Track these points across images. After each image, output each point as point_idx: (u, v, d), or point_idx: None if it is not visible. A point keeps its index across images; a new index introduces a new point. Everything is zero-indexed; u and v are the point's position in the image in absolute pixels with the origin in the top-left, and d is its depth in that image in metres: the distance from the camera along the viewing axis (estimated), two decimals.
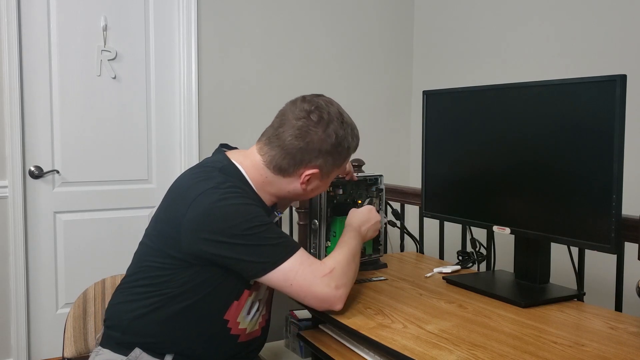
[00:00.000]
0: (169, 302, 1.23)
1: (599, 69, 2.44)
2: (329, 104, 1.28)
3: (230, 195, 1.19)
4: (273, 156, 1.27)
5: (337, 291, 1.22)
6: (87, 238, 2.68)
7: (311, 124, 1.24)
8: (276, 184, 1.30)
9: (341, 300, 1.23)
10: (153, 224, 1.31)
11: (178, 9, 2.81)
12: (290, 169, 1.27)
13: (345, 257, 1.27)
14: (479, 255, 1.74)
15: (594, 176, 1.25)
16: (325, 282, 1.21)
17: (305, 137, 1.24)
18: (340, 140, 1.27)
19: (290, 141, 1.24)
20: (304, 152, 1.25)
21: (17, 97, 2.46)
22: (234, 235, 1.16)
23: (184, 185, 1.27)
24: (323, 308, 1.24)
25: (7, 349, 2.53)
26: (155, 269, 1.24)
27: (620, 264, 1.50)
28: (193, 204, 1.18)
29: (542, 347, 1.09)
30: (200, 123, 2.86)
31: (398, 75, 3.43)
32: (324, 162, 1.27)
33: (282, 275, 1.19)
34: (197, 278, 1.21)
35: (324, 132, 1.25)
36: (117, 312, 1.29)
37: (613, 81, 1.21)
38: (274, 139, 1.27)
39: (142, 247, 1.31)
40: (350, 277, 1.27)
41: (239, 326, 1.29)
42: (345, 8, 3.22)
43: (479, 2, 3.00)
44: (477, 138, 1.54)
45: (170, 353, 1.25)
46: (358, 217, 1.45)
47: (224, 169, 1.27)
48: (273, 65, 3.05)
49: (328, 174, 1.32)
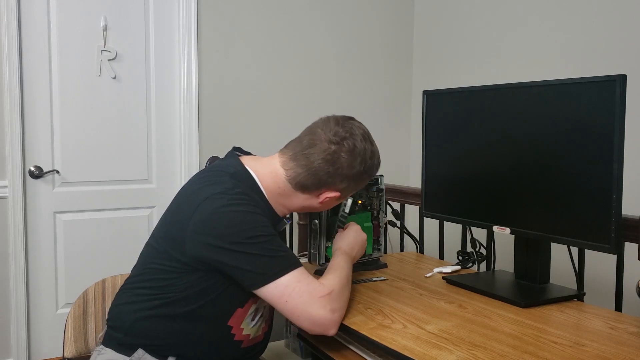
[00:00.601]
0: (172, 306, 1.22)
1: (599, 69, 2.44)
2: (361, 131, 1.29)
3: (236, 201, 1.18)
4: (298, 174, 1.26)
5: (332, 314, 1.18)
6: (87, 238, 2.68)
7: (343, 150, 1.25)
8: (292, 197, 1.30)
9: (336, 325, 1.19)
10: (160, 225, 1.30)
11: (178, 9, 2.81)
12: (312, 188, 1.28)
13: (341, 281, 1.25)
14: (479, 255, 1.74)
15: (594, 176, 1.25)
16: (322, 303, 1.17)
17: (335, 163, 1.25)
18: (366, 169, 1.30)
19: (319, 164, 1.25)
20: (330, 176, 1.26)
21: (17, 97, 2.46)
22: (235, 243, 1.15)
23: (193, 188, 1.26)
24: (316, 332, 1.18)
25: (7, 349, 2.53)
26: (160, 271, 1.23)
27: (620, 264, 1.50)
28: (199, 208, 1.18)
29: (542, 347, 1.09)
30: (200, 123, 2.86)
31: (398, 75, 3.43)
32: (346, 186, 1.30)
33: (279, 290, 1.16)
34: (201, 284, 1.21)
35: (354, 161, 1.26)
36: (120, 313, 1.29)
37: (613, 81, 1.21)
38: (301, 157, 1.26)
39: (147, 248, 1.31)
40: (345, 301, 1.25)
41: (242, 332, 1.28)
42: (345, 8, 3.22)
43: (479, 2, 3.00)
44: (477, 138, 1.54)
45: (172, 355, 1.24)
46: (347, 241, 1.45)
47: (236, 175, 1.25)
48: (273, 65, 3.05)
49: (346, 196, 1.35)
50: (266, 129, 3.03)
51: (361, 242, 1.48)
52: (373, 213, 1.72)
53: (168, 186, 2.87)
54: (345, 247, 1.42)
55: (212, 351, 1.27)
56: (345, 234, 1.48)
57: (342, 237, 1.47)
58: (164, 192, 2.85)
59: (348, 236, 1.47)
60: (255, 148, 1.53)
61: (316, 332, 1.19)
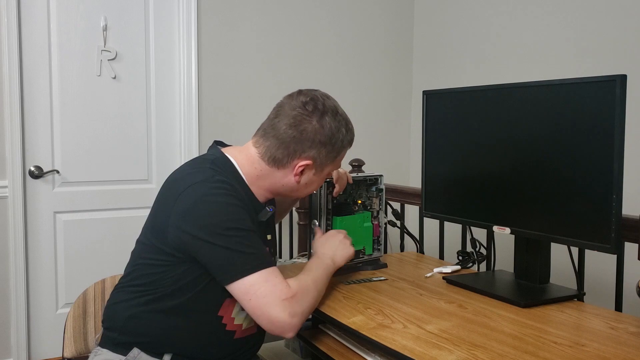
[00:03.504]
0: (162, 300, 1.23)
1: (599, 69, 2.44)
2: (325, 97, 1.30)
3: (217, 191, 1.19)
4: (268, 147, 1.27)
5: (291, 319, 1.16)
6: (87, 238, 2.68)
7: (305, 113, 1.26)
8: (270, 177, 1.30)
9: (294, 329, 1.17)
10: (147, 220, 1.32)
11: (178, 9, 2.81)
12: (284, 160, 1.27)
13: (307, 285, 1.24)
14: (479, 255, 1.74)
15: (594, 176, 1.25)
16: (283, 306, 1.16)
17: (299, 126, 1.25)
18: (334, 131, 1.28)
19: (284, 130, 1.25)
20: (298, 142, 1.26)
21: (17, 97, 2.47)
22: (212, 234, 1.15)
23: (175, 178, 1.28)
24: (274, 332, 1.18)
25: (7, 349, 2.53)
26: (149, 266, 1.24)
27: (620, 264, 1.50)
28: (180, 197, 1.19)
29: (542, 347, 1.09)
30: (200, 123, 2.86)
31: (398, 75, 3.43)
32: (317, 153, 1.28)
33: (245, 288, 1.16)
34: (189, 275, 1.22)
35: (318, 122, 1.26)
36: (113, 312, 1.30)
37: (613, 81, 1.21)
38: (269, 129, 1.28)
39: (137, 245, 1.32)
40: (308, 305, 1.23)
41: (234, 322, 1.29)
42: (346, 8, 3.22)
43: (479, 2, 3.00)
44: (477, 138, 1.54)
45: (168, 352, 1.25)
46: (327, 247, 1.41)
47: (216, 162, 1.27)
48: (273, 65, 3.05)
49: (322, 167, 1.32)
50: None
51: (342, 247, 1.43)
52: (373, 213, 1.72)
53: None
54: (326, 253, 1.39)
55: (206, 344, 1.27)
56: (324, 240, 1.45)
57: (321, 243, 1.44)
58: None
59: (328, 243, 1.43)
60: None
61: (274, 333, 1.19)
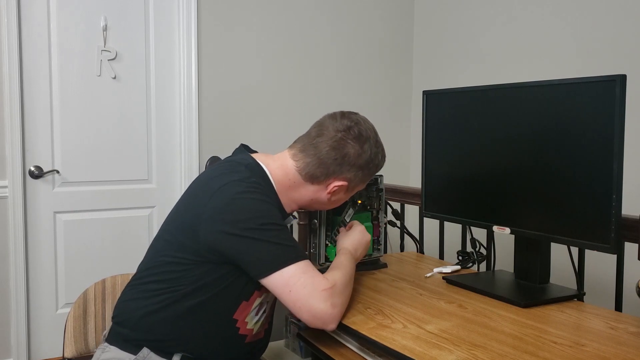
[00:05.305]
0: (180, 299, 1.23)
1: (600, 69, 2.44)
2: (366, 122, 1.36)
3: (252, 189, 1.21)
4: (308, 163, 1.31)
5: (333, 309, 1.19)
6: (87, 238, 2.68)
7: (349, 137, 1.31)
8: (301, 189, 1.34)
9: (335, 320, 1.20)
10: (173, 218, 1.31)
11: (178, 9, 2.81)
12: (321, 177, 1.32)
13: (344, 278, 1.26)
14: (479, 255, 1.74)
15: (594, 176, 1.25)
16: (324, 297, 1.17)
17: (342, 149, 1.30)
18: (372, 157, 1.35)
19: (327, 151, 1.30)
20: (338, 164, 1.31)
21: (17, 97, 2.46)
22: (248, 229, 1.17)
23: (208, 176, 1.29)
24: (315, 325, 1.19)
25: (7, 349, 2.53)
26: (170, 264, 1.24)
27: (620, 264, 1.51)
28: (215, 194, 1.20)
29: (542, 347, 1.09)
30: (200, 123, 2.86)
31: (398, 75, 3.43)
32: (354, 176, 1.33)
33: (284, 279, 1.17)
34: (210, 276, 1.22)
35: (361, 148, 1.32)
36: (128, 309, 1.29)
37: (613, 81, 1.21)
38: (310, 147, 1.32)
39: (158, 242, 1.32)
40: (346, 298, 1.26)
41: (247, 326, 1.29)
42: (346, 9, 3.22)
43: (479, 2, 3.00)
44: (477, 138, 1.54)
45: (178, 352, 1.25)
46: (351, 241, 1.45)
47: (250, 167, 1.30)
48: (273, 66, 3.05)
49: (353, 188, 1.38)
50: (266, 129, 3.03)
51: (365, 243, 1.48)
52: (373, 213, 1.72)
53: (168, 186, 2.87)
54: (349, 247, 1.43)
55: (218, 346, 1.28)
56: (350, 234, 1.48)
57: (346, 237, 1.47)
58: (164, 192, 2.85)
59: (353, 236, 1.47)
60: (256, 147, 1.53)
61: (316, 326, 1.20)
